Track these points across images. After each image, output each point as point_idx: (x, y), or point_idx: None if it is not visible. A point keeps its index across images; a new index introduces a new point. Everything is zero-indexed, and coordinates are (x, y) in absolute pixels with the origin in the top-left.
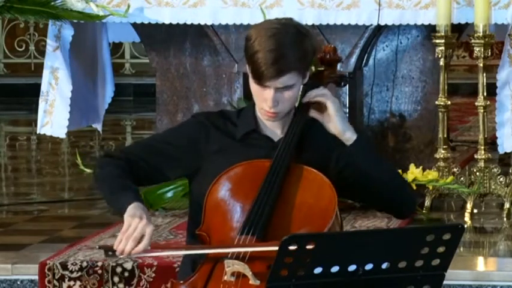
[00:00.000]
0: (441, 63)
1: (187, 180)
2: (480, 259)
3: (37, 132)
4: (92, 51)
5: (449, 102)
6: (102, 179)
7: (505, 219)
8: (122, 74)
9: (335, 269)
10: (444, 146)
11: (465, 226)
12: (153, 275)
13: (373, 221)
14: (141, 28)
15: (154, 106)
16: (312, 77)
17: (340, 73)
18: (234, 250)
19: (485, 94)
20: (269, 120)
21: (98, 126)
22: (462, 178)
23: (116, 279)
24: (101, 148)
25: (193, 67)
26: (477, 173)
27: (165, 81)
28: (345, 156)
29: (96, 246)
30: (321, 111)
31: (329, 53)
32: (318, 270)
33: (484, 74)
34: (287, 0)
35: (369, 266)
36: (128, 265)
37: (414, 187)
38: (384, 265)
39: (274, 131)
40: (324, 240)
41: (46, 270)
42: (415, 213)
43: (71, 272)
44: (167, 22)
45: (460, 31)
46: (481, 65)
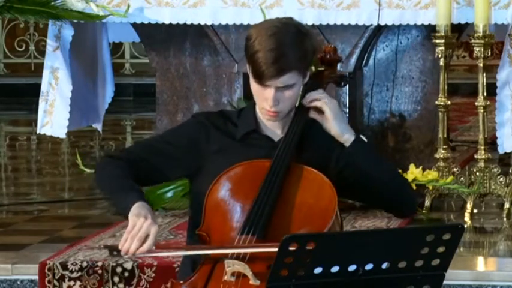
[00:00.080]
0: (441, 63)
1: (187, 180)
2: (480, 259)
3: (37, 132)
4: (92, 51)
5: (449, 102)
6: (103, 180)
7: (505, 219)
8: (122, 74)
9: (335, 269)
10: (444, 146)
11: (465, 226)
12: (153, 275)
13: (373, 221)
14: (141, 28)
15: (154, 106)
16: (312, 77)
17: (340, 73)
18: (236, 251)
19: (485, 94)
20: (270, 119)
21: (98, 126)
22: (462, 178)
23: (116, 279)
24: (101, 148)
25: (193, 67)
26: (477, 173)
27: (165, 81)
28: (345, 156)
29: (96, 246)
30: (320, 112)
31: (329, 53)
32: (318, 270)
33: (484, 74)
34: (287, 0)
35: (369, 266)
36: (128, 265)
37: (414, 187)
38: (384, 265)
39: (274, 131)
40: (324, 240)
41: (46, 270)
42: (416, 213)
43: (71, 272)
44: (167, 22)
45: (460, 31)
46: (481, 65)
